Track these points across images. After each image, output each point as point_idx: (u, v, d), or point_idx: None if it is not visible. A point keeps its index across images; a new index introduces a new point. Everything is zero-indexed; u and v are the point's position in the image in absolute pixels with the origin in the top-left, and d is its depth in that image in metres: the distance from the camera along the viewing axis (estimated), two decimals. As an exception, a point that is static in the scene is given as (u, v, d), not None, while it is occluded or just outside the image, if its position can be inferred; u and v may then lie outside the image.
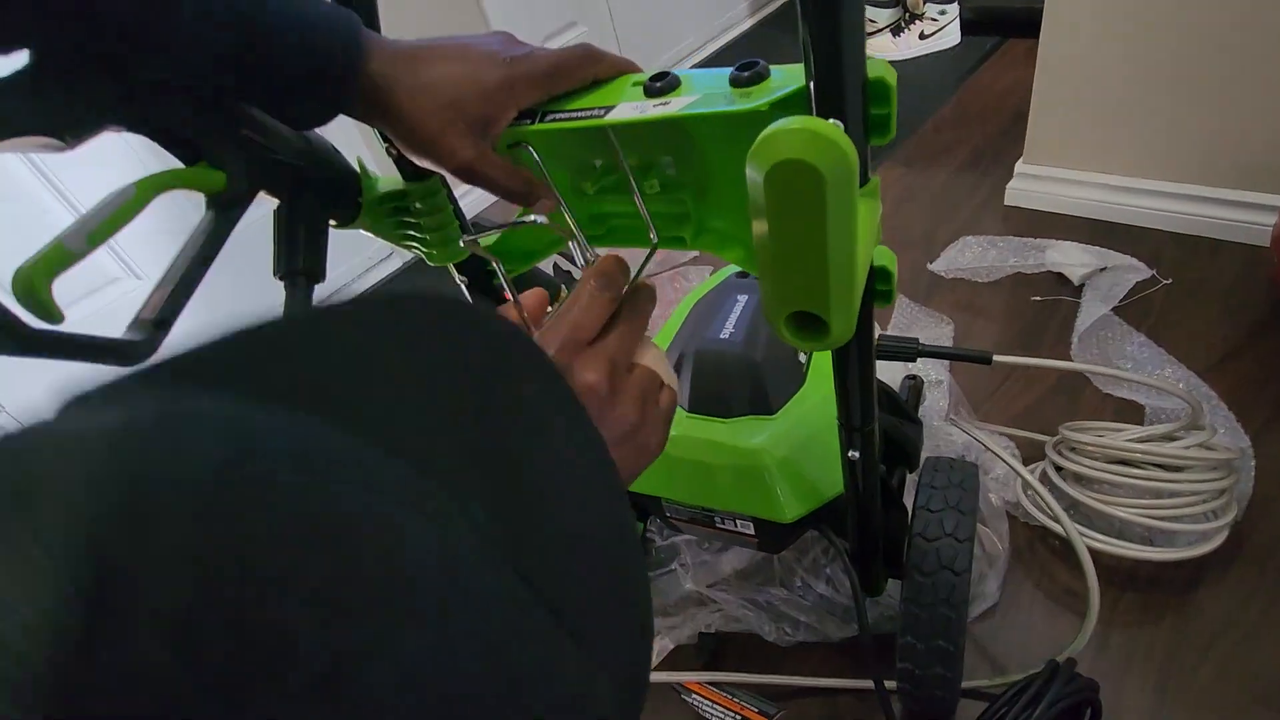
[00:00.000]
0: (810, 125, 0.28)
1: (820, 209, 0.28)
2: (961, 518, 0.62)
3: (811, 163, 0.27)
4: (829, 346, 0.35)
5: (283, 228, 0.43)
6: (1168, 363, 0.96)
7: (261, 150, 0.40)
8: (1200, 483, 0.73)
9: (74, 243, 0.31)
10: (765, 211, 0.30)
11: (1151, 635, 0.72)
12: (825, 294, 0.32)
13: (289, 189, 0.42)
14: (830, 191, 0.28)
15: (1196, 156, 1.12)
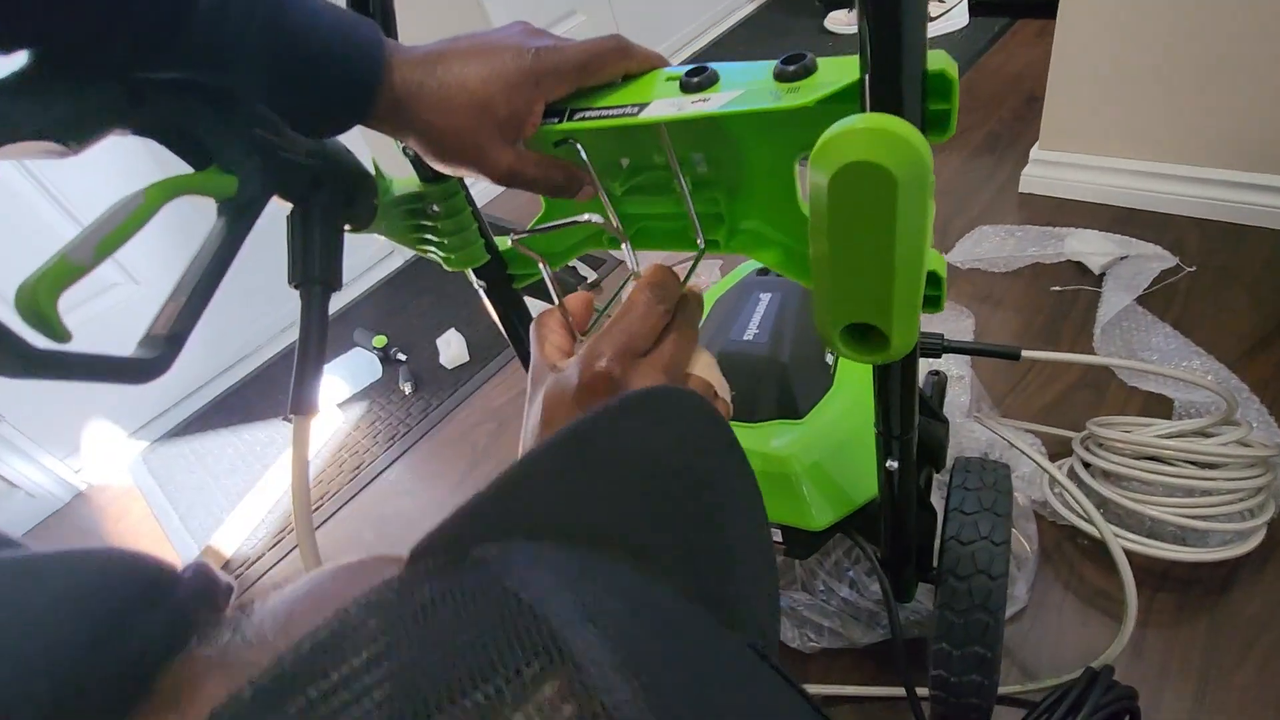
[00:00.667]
0: (881, 123, 0.25)
1: (890, 215, 0.26)
2: (997, 520, 0.60)
3: (884, 165, 0.25)
4: (888, 360, 0.32)
5: (297, 234, 0.40)
6: (1195, 354, 0.94)
7: (275, 152, 0.37)
8: (1237, 480, 0.71)
9: (80, 255, 0.29)
10: (826, 217, 0.28)
11: (1188, 638, 0.70)
12: (889, 306, 0.29)
13: (303, 193, 0.40)
14: (903, 196, 0.26)
15: (1221, 139, 1.09)
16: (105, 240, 0.30)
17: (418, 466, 1.25)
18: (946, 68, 0.30)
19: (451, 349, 1.42)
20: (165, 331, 0.32)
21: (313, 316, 0.40)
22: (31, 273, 0.28)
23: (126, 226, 0.31)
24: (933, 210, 0.35)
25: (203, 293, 0.34)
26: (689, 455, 0.25)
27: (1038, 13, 1.86)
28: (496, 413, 1.29)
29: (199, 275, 0.34)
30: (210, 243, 0.35)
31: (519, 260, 0.54)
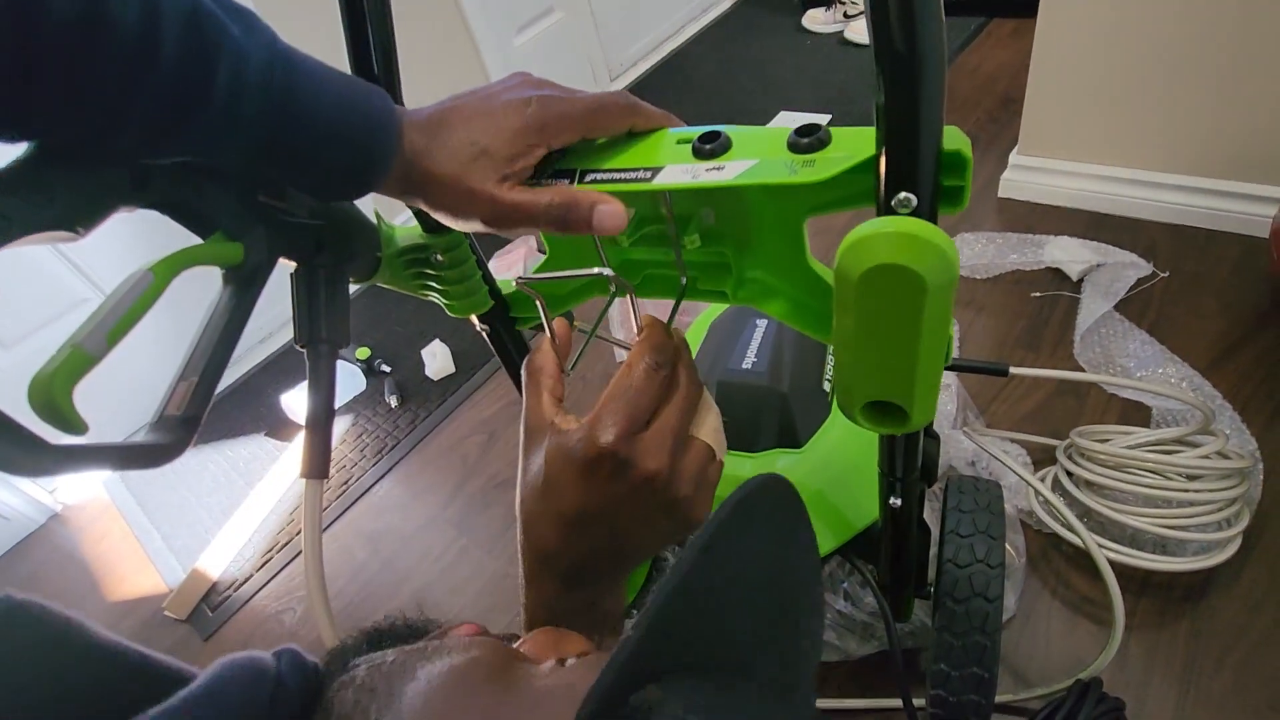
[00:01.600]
0: (910, 229, 0.26)
1: (918, 313, 0.27)
2: (992, 543, 0.62)
3: (915, 269, 0.25)
4: (906, 431, 0.33)
5: (302, 293, 0.39)
6: (1170, 361, 0.97)
7: (279, 216, 0.37)
8: (1214, 491, 0.73)
9: (93, 345, 0.28)
10: (853, 309, 0.28)
11: (1169, 645, 0.73)
12: (911, 387, 0.30)
13: (307, 252, 0.39)
14: (931, 297, 0.26)
15: (1192, 147, 1.12)
16: (116, 327, 0.29)
17: (408, 480, 1.24)
18: (962, 147, 0.30)
19: (437, 360, 1.41)
20: (179, 413, 0.32)
21: (321, 376, 0.40)
22: (44, 365, 0.28)
23: (136, 309, 0.30)
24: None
25: (214, 371, 0.34)
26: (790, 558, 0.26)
27: (1012, 11, 1.88)
28: (486, 424, 1.29)
29: (209, 350, 0.34)
30: (219, 315, 0.35)
31: (522, 303, 0.54)
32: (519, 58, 1.94)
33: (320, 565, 0.40)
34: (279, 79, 0.30)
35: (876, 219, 0.27)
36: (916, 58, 0.27)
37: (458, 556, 1.09)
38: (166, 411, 0.32)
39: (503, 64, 1.89)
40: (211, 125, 0.29)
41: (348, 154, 0.33)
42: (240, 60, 0.29)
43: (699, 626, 0.20)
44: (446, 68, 0.39)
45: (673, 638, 0.19)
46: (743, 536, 0.22)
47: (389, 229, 0.46)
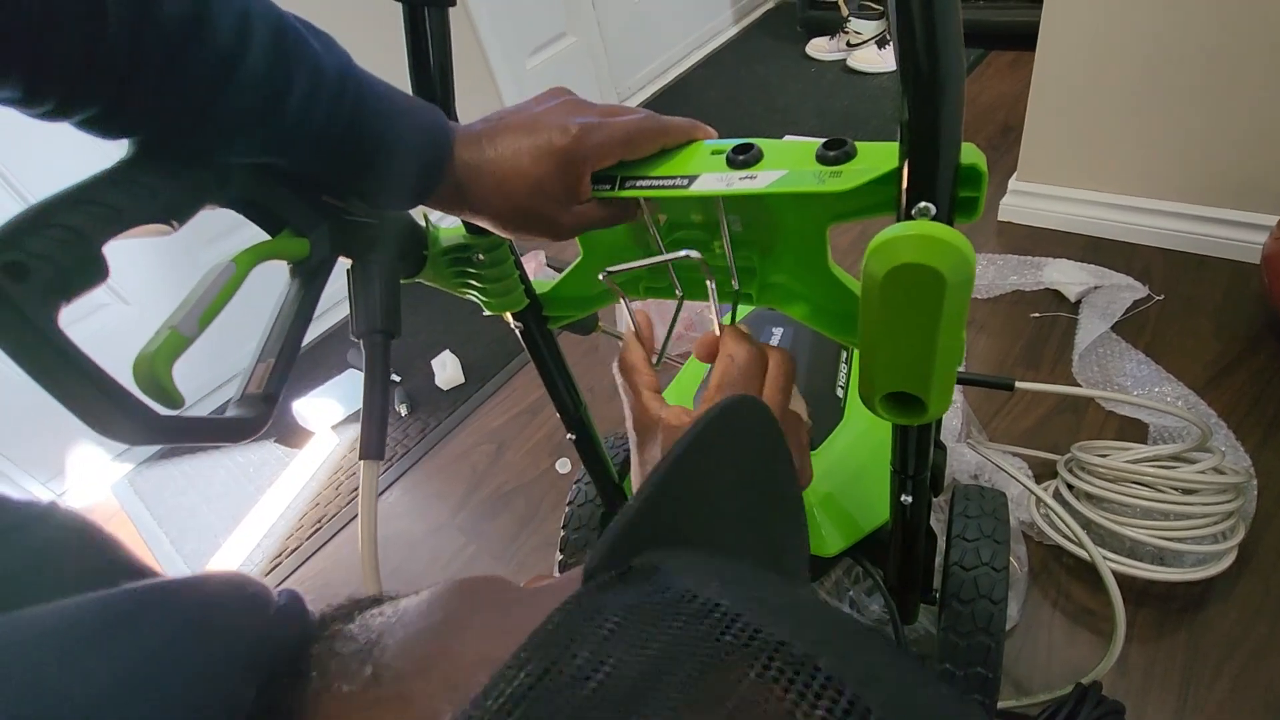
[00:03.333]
0: (931, 231, 0.29)
1: (937, 309, 0.29)
2: (997, 547, 0.64)
3: (936, 267, 0.28)
4: (923, 422, 0.36)
5: (359, 287, 0.42)
6: (1166, 380, 1.00)
7: (340, 215, 0.40)
8: (1211, 505, 0.76)
9: (187, 328, 0.31)
10: (877, 306, 0.31)
11: (1168, 653, 0.75)
12: (929, 379, 0.33)
13: (363, 250, 0.42)
14: (950, 294, 0.29)
15: (1184, 175, 1.16)
16: (207, 311, 0.32)
17: (417, 488, 1.26)
18: (978, 162, 0.33)
19: (447, 370, 1.43)
20: (260, 391, 0.35)
21: (377, 365, 0.42)
22: (145, 345, 0.30)
23: (223, 296, 0.33)
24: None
25: (289, 354, 0.36)
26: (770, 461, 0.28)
27: (1010, 45, 1.95)
28: (495, 434, 1.31)
29: (283, 336, 0.36)
30: (290, 304, 0.38)
31: (554, 303, 0.56)
32: (531, 80, 1.99)
33: (375, 545, 0.42)
34: (350, 93, 0.34)
35: (901, 223, 0.30)
36: (939, 79, 0.30)
37: (467, 563, 1.11)
38: (248, 390, 0.35)
39: (515, 86, 1.94)
40: (284, 130, 0.32)
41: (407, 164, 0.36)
42: (317, 73, 0.33)
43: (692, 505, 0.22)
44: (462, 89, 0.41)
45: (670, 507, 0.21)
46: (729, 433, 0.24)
47: (434, 229, 0.49)
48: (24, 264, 0.27)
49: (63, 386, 0.28)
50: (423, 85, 0.43)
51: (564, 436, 1.26)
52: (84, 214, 0.29)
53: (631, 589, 0.17)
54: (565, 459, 1.20)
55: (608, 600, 0.16)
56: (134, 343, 0.30)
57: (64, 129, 0.30)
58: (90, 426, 0.28)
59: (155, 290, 1.42)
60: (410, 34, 0.41)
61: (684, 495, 0.22)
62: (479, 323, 1.57)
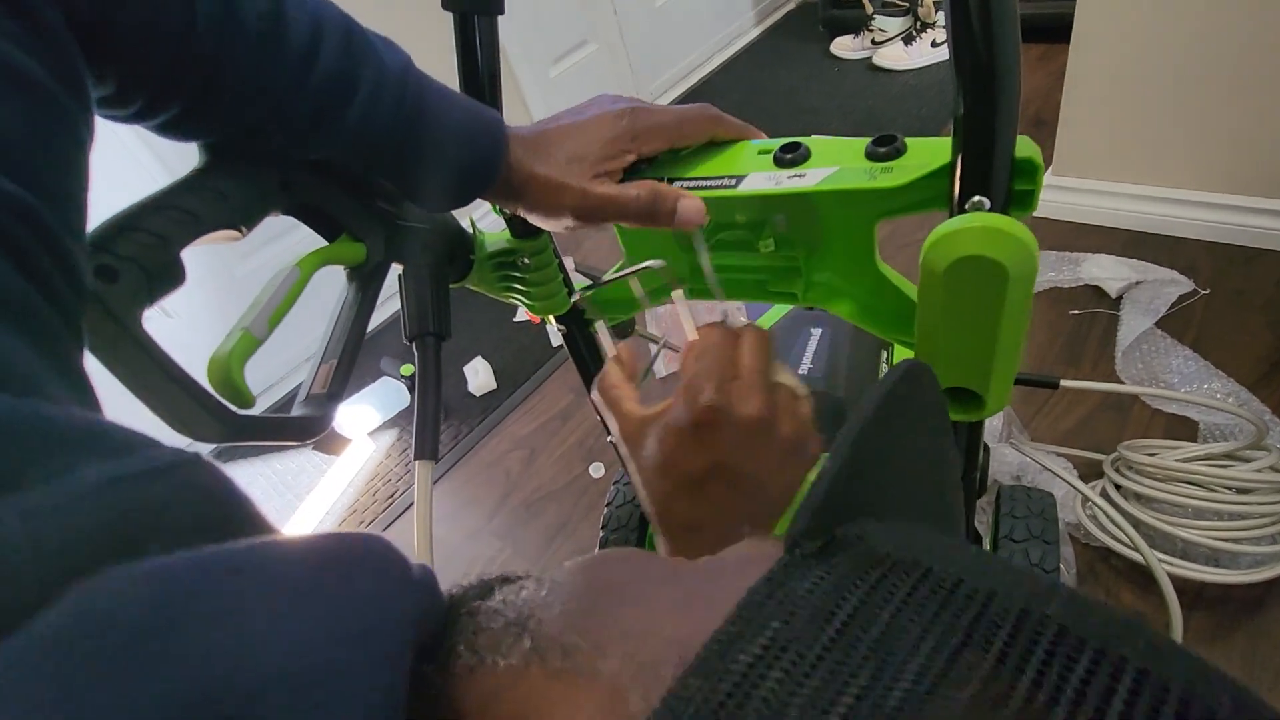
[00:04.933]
0: (993, 222, 0.28)
1: (999, 302, 0.29)
2: (1046, 547, 0.63)
3: (999, 260, 0.28)
4: (980, 418, 0.35)
5: (411, 291, 0.44)
6: (1215, 376, 0.97)
7: (395, 221, 0.41)
8: (1268, 505, 0.73)
9: (258, 329, 0.33)
10: (938, 300, 0.30)
11: (1225, 658, 0.73)
12: (988, 375, 0.32)
13: (415, 255, 0.43)
14: (1013, 286, 0.28)
15: (1229, 165, 1.13)
16: (275, 313, 0.33)
17: (452, 494, 1.27)
18: (1033, 155, 0.33)
19: (479, 377, 1.44)
20: (324, 391, 0.36)
21: (429, 366, 0.43)
22: (219, 346, 0.32)
23: (290, 298, 0.34)
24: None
25: (350, 355, 0.37)
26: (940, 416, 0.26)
27: (1039, 37, 1.91)
28: (527, 440, 1.32)
29: (343, 339, 0.38)
30: (348, 308, 0.39)
31: (598, 307, 0.57)
32: (555, 88, 2.01)
33: (430, 542, 0.42)
34: (411, 93, 0.34)
35: (961, 215, 0.30)
36: (995, 71, 0.30)
37: (502, 568, 1.11)
38: (312, 391, 0.36)
39: (539, 94, 1.96)
40: (351, 127, 0.33)
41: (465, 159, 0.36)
42: (381, 72, 0.34)
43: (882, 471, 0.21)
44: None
45: (865, 474, 0.19)
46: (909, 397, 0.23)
47: (481, 235, 0.50)
48: (114, 267, 0.28)
49: (148, 386, 0.29)
50: (472, 91, 0.44)
51: (595, 442, 1.27)
52: (165, 219, 0.30)
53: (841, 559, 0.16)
54: (599, 463, 1.20)
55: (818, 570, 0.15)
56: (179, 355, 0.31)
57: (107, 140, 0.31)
58: (173, 426, 0.30)
59: (197, 304, 1.46)
60: (460, 41, 0.42)
61: (876, 461, 0.20)
62: (510, 329, 1.59)
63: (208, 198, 0.31)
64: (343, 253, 0.39)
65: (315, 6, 0.31)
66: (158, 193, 0.31)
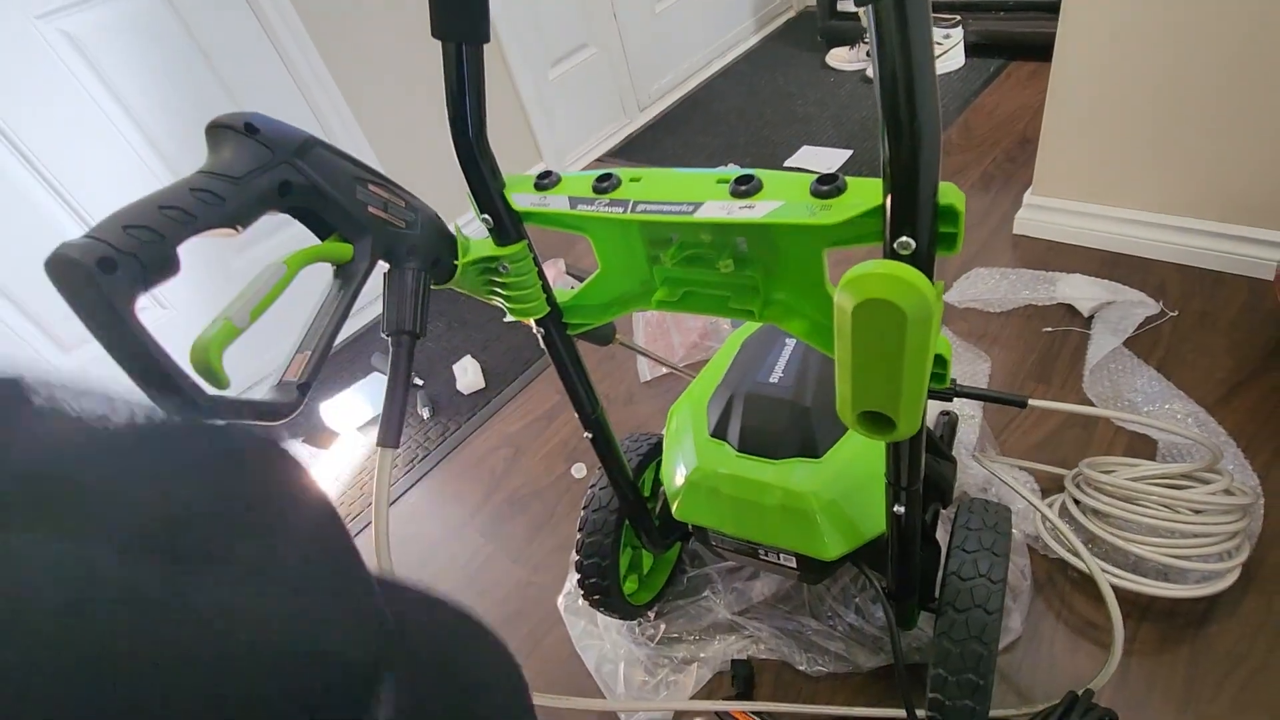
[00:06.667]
0: (896, 271, 0.31)
1: (900, 340, 0.32)
2: (995, 560, 0.66)
3: (898, 304, 0.31)
4: (895, 439, 0.38)
5: (394, 291, 0.47)
6: (1177, 397, 1.00)
7: (383, 225, 0.45)
8: (1217, 525, 0.76)
9: (239, 319, 0.36)
10: (850, 334, 0.34)
11: (1169, 669, 0.76)
12: (897, 401, 0.35)
13: (401, 256, 0.47)
14: (911, 328, 0.32)
15: (1200, 191, 1.16)
16: (258, 306, 0.37)
17: (437, 490, 1.30)
18: (955, 202, 0.36)
19: (468, 375, 1.47)
20: (298, 379, 0.39)
21: (400, 361, 0.46)
22: (202, 332, 0.35)
23: (274, 293, 0.38)
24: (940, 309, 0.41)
25: (326, 346, 0.41)
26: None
27: (1030, 55, 1.95)
28: (513, 439, 1.35)
29: (321, 332, 0.41)
30: (330, 303, 0.42)
31: (574, 310, 0.60)
32: (554, 91, 2.04)
33: (386, 526, 0.45)
34: None
35: (870, 261, 0.33)
36: (917, 127, 0.33)
37: (484, 564, 1.14)
38: (285, 377, 0.39)
39: (537, 96, 1.99)
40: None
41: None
42: None
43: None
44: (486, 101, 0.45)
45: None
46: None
47: (466, 241, 0.53)
48: (113, 260, 0.32)
49: (134, 365, 0.33)
50: (458, 113, 0.46)
51: (579, 442, 1.30)
52: (165, 217, 0.34)
53: None
54: (581, 464, 1.23)
55: None
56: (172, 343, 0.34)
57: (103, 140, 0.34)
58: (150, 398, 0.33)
59: (192, 295, 1.49)
60: (448, 68, 0.45)
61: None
62: (500, 329, 1.62)
63: (207, 199, 0.35)
64: (331, 252, 0.42)
65: None
66: (160, 191, 0.35)
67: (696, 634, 0.91)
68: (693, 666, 0.88)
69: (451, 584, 1.12)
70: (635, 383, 1.36)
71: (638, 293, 0.56)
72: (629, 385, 1.36)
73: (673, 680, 0.88)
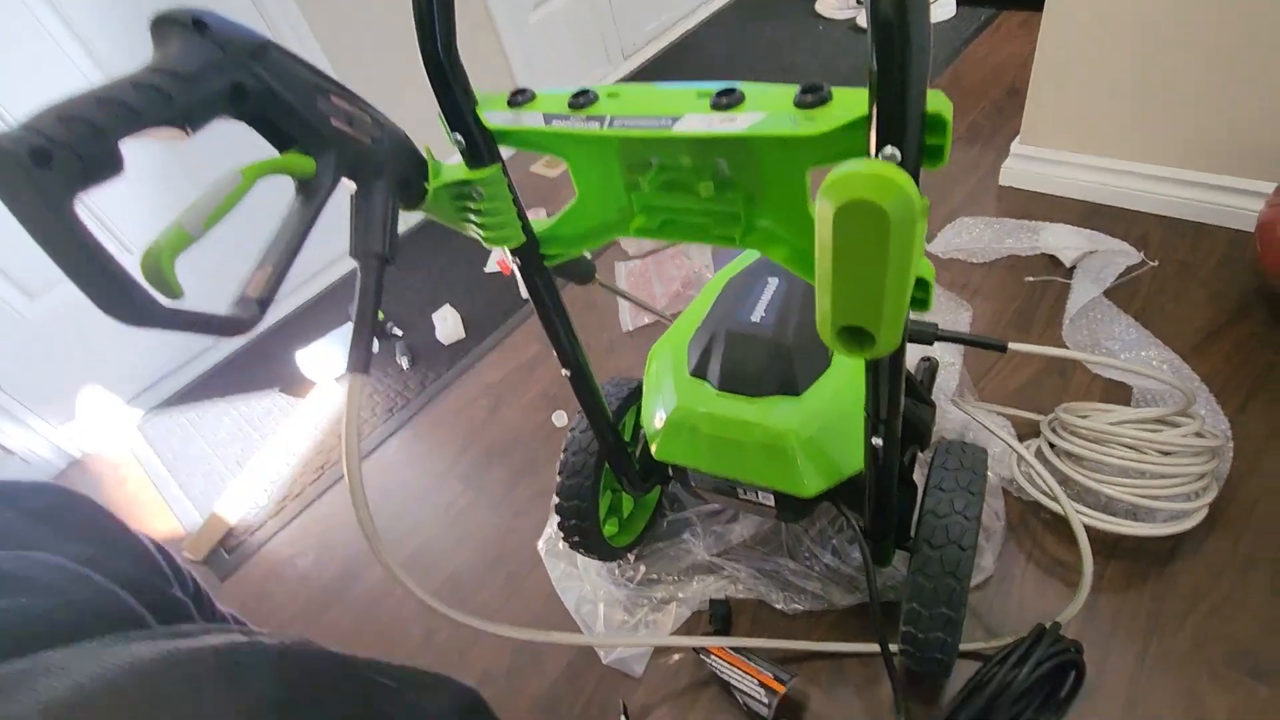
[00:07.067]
0: (880, 170, 0.30)
1: (884, 244, 0.31)
2: (970, 498, 0.67)
3: (880, 204, 0.30)
4: (875, 356, 0.38)
5: (361, 212, 0.45)
6: (1153, 344, 1.01)
7: (348, 141, 0.42)
8: (1187, 466, 0.78)
9: (192, 226, 0.34)
10: (831, 239, 0.32)
11: (1135, 604, 0.78)
12: (879, 313, 0.34)
13: (367, 176, 0.44)
14: (894, 230, 0.30)
15: (1187, 140, 1.16)
16: (212, 214, 0.35)
17: (417, 439, 1.29)
18: (943, 110, 0.34)
19: (447, 325, 1.45)
20: (256, 295, 0.37)
21: (369, 286, 0.45)
22: (154, 239, 0.34)
23: (228, 202, 0.36)
24: (923, 232, 0.40)
25: (286, 262, 0.39)
26: None
27: (1021, 4, 1.91)
28: (493, 388, 1.33)
29: (281, 248, 0.39)
30: (290, 219, 0.40)
31: (551, 240, 0.58)
32: (534, 36, 1.97)
33: (358, 458, 0.44)
34: None
35: (852, 160, 0.31)
36: (906, 28, 0.31)
37: (463, 511, 1.14)
38: (246, 293, 0.37)
39: (518, 41, 1.92)
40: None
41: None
42: None
43: None
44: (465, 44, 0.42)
45: None
46: None
47: (437, 164, 0.51)
48: (48, 150, 0.29)
49: (75, 266, 0.31)
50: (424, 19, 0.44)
51: (560, 390, 1.29)
52: (105, 111, 0.31)
53: None
54: (562, 411, 1.23)
55: None
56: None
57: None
58: (96, 304, 0.31)
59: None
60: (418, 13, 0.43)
61: None
62: (480, 279, 1.59)
63: (152, 96, 0.33)
64: (291, 165, 0.40)
65: None
66: (102, 85, 0.32)
67: (676, 575, 0.92)
68: (671, 606, 0.89)
69: (431, 532, 1.12)
70: (617, 332, 1.35)
71: (616, 221, 0.54)
72: (611, 335, 1.35)
73: (651, 619, 0.89)
